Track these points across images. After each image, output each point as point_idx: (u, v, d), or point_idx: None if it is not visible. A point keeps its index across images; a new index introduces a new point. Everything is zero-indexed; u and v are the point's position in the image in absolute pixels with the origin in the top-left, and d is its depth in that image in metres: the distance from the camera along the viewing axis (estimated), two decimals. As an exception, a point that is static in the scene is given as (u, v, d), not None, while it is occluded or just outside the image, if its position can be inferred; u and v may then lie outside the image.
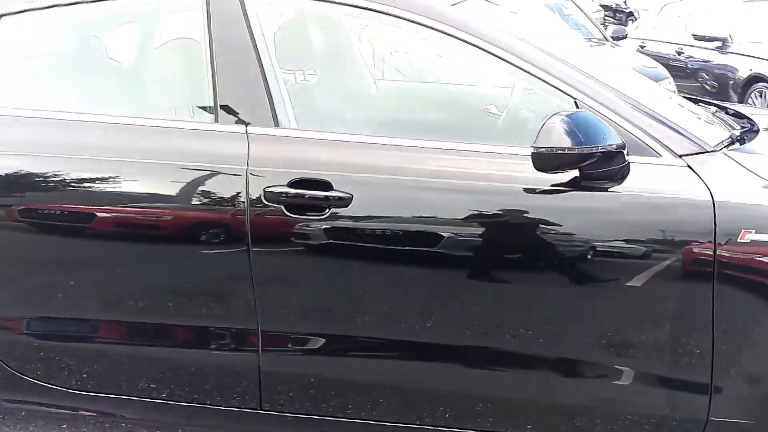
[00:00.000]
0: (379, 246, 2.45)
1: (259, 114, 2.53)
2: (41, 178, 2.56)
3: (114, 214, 2.55)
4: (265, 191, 2.44)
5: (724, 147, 2.49)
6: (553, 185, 2.35)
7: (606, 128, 2.28)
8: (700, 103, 3.17)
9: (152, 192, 2.56)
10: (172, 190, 2.51)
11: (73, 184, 2.54)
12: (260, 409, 2.61)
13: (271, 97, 2.53)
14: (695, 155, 2.39)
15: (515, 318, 2.45)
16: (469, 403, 2.52)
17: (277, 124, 2.53)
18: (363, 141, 2.50)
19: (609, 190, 2.35)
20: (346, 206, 2.41)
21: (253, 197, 2.44)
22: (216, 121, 2.56)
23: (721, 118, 2.92)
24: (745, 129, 2.81)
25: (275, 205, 2.43)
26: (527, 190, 2.36)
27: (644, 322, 2.39)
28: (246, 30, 2.56)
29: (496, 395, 2.50)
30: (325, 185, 2.42)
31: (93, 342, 2.68)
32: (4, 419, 3.07)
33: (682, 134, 2.44)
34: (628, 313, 2.39)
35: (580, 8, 8.60)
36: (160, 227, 2.55)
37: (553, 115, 2.25)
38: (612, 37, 8.47)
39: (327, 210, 2.42)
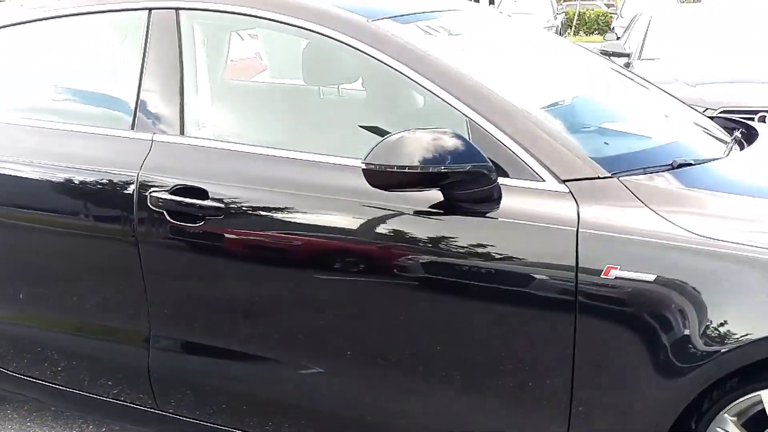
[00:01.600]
0: (249, 255, 2.41)
1: (168, 122, 2.56)
2: None
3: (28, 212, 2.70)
4: (150, 196, 2.46)
5: (631, 172, 2.21)
6: (430, 206, 2.20)
7: (467, 148, 2.11)
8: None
9: (60, 192, 2.66)
10: (80, 190, 2.60)
11: None
12: (158, 409, 2.63)
13: (183, 107, 2.56)
14: (582, 180, 2.15)
15: (374, 331, 2.32)
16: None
17: (182, 133, 2.55)
18: (242, 150, 2.47)
19: (485, 214, 2.17)
20: (220, 216, 2.39)
21: (141, 202, 2.47)
22: (132, 128, 2.62)
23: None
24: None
25: (159, 210, 2.45)
26: (397, 209, 2.22)
27: (496, 355, 2.18)
28: (176, 43, 2.61)
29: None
30: (203, 194, 2.41)
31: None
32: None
33: (574, 158, 2.19)
34: (481, 341, 2.19)
35: None
36: (67, 225, 2.65)
37: (397, 132, 2.12)
38: None
39: (203, 218, 2.41)
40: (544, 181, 2.16)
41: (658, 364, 1.99)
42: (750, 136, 2.83)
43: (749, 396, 2.02)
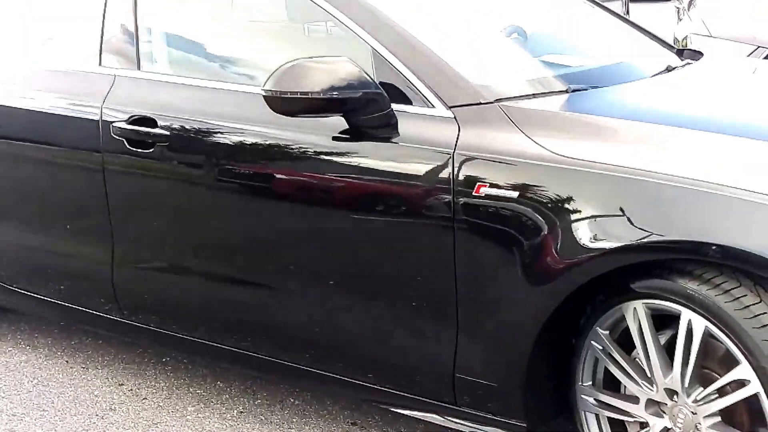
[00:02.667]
0: (190, 179, 2.71)
1: (128, 58, 2.87)
2: None
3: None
4: (112, 126, 2.78)
5: (520, 98, 2.38)
6: (341, 131, 2.43)
7: (359, 76, 2.30)
8: None
9: (39, 123, 3.00)
10: (57, 122, 2.94)
11: None
12: (124, 319, 2.98)
13: (139, 43, 2.86)
14: (466, 106, 2.34)
15: (288, 252, 2.59)
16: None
17: (139, 68, 2.85)
18: (184, 83, 2.75)
19: (388, 139, 2.38)
20: (166, 143, 2.68)
21: (105, 131, 2.79)
22: (99, 64, 2.94)
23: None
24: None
25: (119, 139, 2.77)
26: (312, 135, 2.46)
27: (396, 272, 2.40)
28: None
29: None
30: (153, 123, 2.71)
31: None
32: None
33: (461, 84, 2.38)
34: (385, 259, 2.42)
35: None
36: (45, 153, 3.01)
37: (293, 60, 2.33)
38: None
39: (153, 144, 2.71)
40: (434, 107, 2.35)
41: (523, 274, 2.17)
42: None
43: (614, 309, 2.19)
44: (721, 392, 2.03)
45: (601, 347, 2.23)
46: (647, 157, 2.11)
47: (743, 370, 1.95)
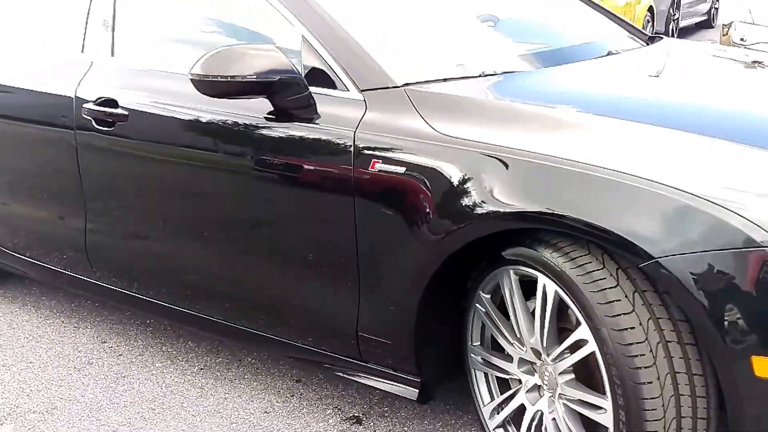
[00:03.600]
0: (144, 154, 3.00)
1: (104, 46, 3.18)
2: None
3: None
4: (83, 107, 3.09)
5: (428, 82, 2.59)
6: (268, 113, 2.68)
7: (280, 62, 2.53)
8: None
9: (28, 102, 3.35)
10: (45, 102, 3.28)
11: None
12: (96, 280, 3.31)
13: (114, 33, 3.17)
14: (376, 90, 2.56)
15: (218, 220, 2.88)
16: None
17: (113, 55, 3.16)
18: (141, 68, 3.04)
19: (310, 119, 2.60)
20: (125, 121, 2.98)
21: (78, 111, 3.11)
22: (81, 51, 3.26)
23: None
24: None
25: (88, 118, 3.08)
26: (243, 115, 2.71)
27: (310, 239, 2.65)
28: None
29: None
30: (115, 103, 3.01)
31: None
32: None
33: (373, 69, 2.59)
34: (301, 227, 2.67)
35: None
36: (30, 129, 3.36)
37: (221, 47, 2.58)
38: None
39: (114, 123, 3.01)
40: (349, 91, 2.58)
41: (408, 240, 2.39)
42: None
43: (492, 274, 2.39)
44: (572, 351, 2.21)
45: (484, 310, 2.44)
46: (525, 137, 2.29)
47: (583, 331, 2.13)
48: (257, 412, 2.94)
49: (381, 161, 2.43)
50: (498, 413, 2.49)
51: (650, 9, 10.08)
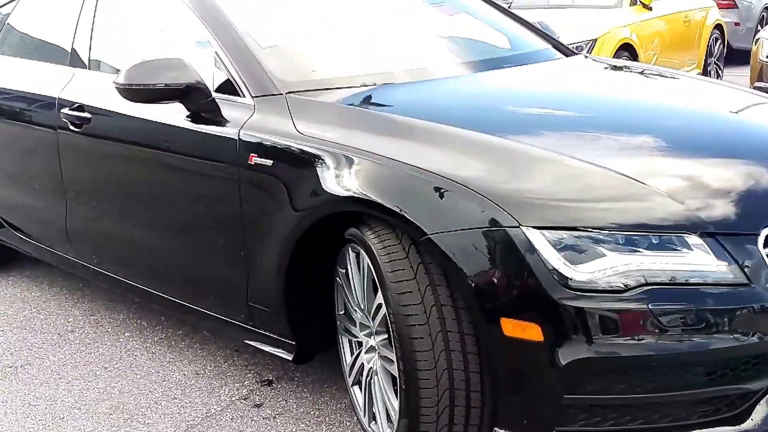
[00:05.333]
0: (103, 151, 3.56)
1: (83, 59, 3.78)
2: None
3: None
4: (61, 112, 3.69)
5: (298, 91, 3.01)
6: (186, 116, 3.17)
7: (187, 72, 3.00)
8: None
9: (21, 106, 4.01)
10: (33, 105, 3.91)
11: None
12: (75, 258, 3.89)
13: (90, 48, 3.76)
14: (264, 96, 3.02)
15: (148, 204, 3.44)
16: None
17: (88, 67, 3.75)
18: (101, 78, 3.60)
19: (219, 122, 3.08)
20: (89, 123, 3.56)
21: (59, 116, 3.71)
22: (68, 64, 3.87)
23: None
24: None
25: (65, 121, 3.67)
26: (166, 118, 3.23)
27: (213, 221, 3.14)
28: (92, 4, 3.83)
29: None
30: (82, 108, 3.59)
31: None
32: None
33: (264, 79, 3.05)
34: (205, 211, 3.16)
35: None
36: (20, 128, 4.02)
37: (139, 61, 3.10)
38: None
39: (82, 125, 3.59)
40: (245, 97, 3.06)
41: (274, 221, 2.82)
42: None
43: (341, 251, 2.81)
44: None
45: (340, 282, 2.86)
46: (365, 138, 2.71)
47: (380, 298, 2.53)
48: (190, 373, 3.44)
49: (257, 155, 2.89)
50: (351, 371, 2.90)
51: (718, 27, 10.05)
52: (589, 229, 2.28)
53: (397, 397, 2.55)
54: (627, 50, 8.01)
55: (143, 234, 3.48)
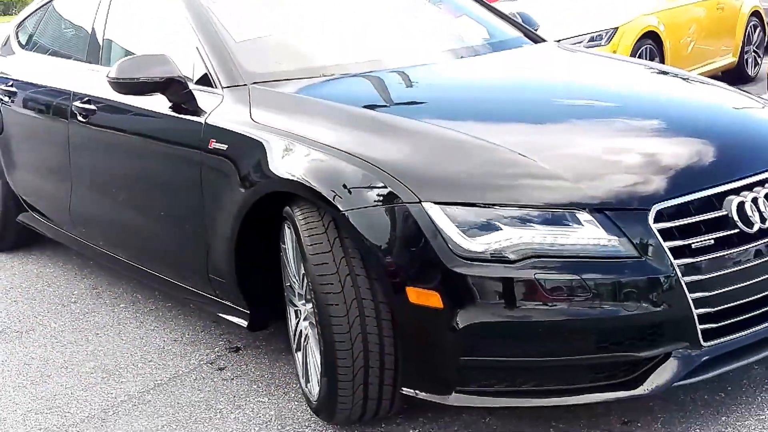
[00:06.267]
0: (102, 138, 3.90)
1: (95, 57, 4.13)
2: None
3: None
4: (72, 105, 4.03)
5: (262, 82, 3.30)
6: (169, 106, 3.47)
7: (168, 66, 3.30)
8: None
9: (48, 99, 4.36)
10: (52, 98, 4.27)
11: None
12: (76, 236, 4.25)
13: (102, 48, 4.10)
14: (232, 87, 3.30)
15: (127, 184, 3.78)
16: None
17: (101, 62, 4.08)
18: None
19: (196, 111, 3.34)
20: (93, 114, 3.89)
21: (71, 108, 4.04)
22: (86, 61, 4.22)
23: None
24: None
25: (76, 113, 4.00)
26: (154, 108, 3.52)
27: (181, 199, 3.43)
28: (106, 6, 4.16)
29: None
30: (90, 101, 3.92)
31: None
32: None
33: (233, 71, 3.34)
34: (175, 191, 3.47)
35: None
36: (46, 118, 4.38)
37: (127, 57, 3.43)
38: None
39: (87, 116, 3.92)
40: (217, 88, 3.34)
41: (230, 196, 3.08)
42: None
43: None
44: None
45: (283, 256, 3.12)
46: (307, 124, 2.98)
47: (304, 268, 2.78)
48: (169, 340, 3.75)
49: (215, 140, 3.18)
50: (295, 338, 3.16)
51: (756, 13, 9.94)
52: (487, 205, 2.50)
53: (321, 358, 2.81)
54: (651, 39, 7.98)
55: (131, 215, 3.82)
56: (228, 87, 3.30)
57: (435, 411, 2.90)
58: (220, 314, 3.39)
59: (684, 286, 2.50)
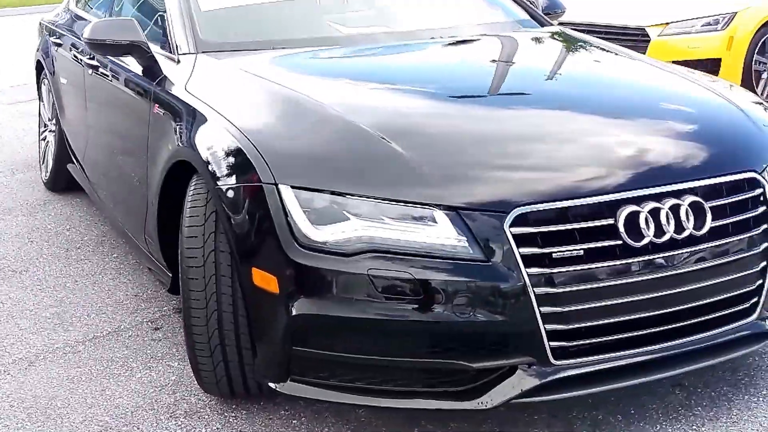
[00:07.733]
0: (104, 87, 4.10)
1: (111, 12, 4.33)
2: None
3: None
4: (85, 57, 4.24)
5: (211, 51, 3.37)
6: (142, 71, 3.60)
7: (133, 30, 3.44)
8: None
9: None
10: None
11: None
12: (92, 189, 4.49)
13: (113, 3, 4.31)
14: (184, 55, 3.39)
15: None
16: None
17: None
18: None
19: (158, 74, 3.45)
20: (97, 70, 4.08)
21: (85, 60, 4.27)
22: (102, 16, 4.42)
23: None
24: None
25: (86, 67, 4.22)
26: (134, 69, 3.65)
27: (134, 156, 3.54)
28: None
29: None
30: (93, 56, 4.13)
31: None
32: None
33: (187, 40, 3.42)
34: (129, 148, 3.60)
35: None
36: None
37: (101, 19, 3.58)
38: None
39: (98, 69, 4.12)
40: (174, 54, 3.42)
41: (159, 160, 3.15)
42: None
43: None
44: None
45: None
46: (224, 97, 3.04)
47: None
48: (130, 295, 3.90)
49: (157, 106, 3.26)
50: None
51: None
52: (341, 194, 2.44)
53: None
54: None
55: (114, 171, 3.99)
56: (183, 54, 3.38)
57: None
58: (152, 273, 3.49)
59: (533, 298, 2.35)
